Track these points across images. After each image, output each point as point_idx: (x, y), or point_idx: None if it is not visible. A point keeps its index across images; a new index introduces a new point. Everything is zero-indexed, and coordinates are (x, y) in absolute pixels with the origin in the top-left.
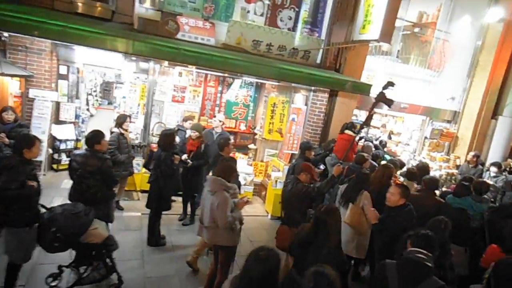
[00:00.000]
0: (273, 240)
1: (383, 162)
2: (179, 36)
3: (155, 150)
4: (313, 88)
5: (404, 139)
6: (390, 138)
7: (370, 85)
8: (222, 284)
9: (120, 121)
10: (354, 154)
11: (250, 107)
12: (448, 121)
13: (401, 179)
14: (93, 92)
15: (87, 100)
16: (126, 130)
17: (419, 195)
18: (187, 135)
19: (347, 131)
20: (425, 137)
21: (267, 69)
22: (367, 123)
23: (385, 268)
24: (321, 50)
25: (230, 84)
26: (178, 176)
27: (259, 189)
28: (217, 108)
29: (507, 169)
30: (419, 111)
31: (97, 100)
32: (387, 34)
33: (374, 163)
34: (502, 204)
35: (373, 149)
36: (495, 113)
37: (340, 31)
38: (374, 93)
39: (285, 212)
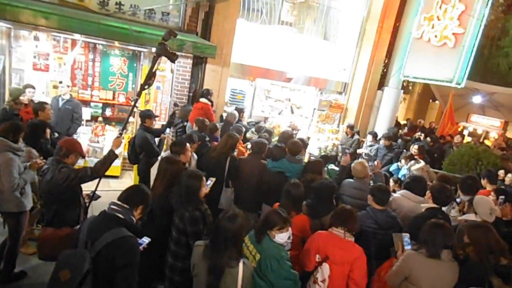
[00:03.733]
0: None
1: None
2: None
3: None
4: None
5: (304, 112)
6: (292, 112)
7: (214, 47)
8: (12, 252)
9: None
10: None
11: (129, 78)
12: (340, 93)
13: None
14: None
15: None
16: None
17: (247, 158)
18: None
19: (202, 99)
20: (314, 109)
21: (85, 24)
22: (148, 82)
23: (83, 224)
24: (182, 12)
25: (104, 52)
26: None
27: None
28: (90, 78)
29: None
30: (312, 83)
31: None
32: None
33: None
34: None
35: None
36: (382, 84)
37: None
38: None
39: (45, 210)
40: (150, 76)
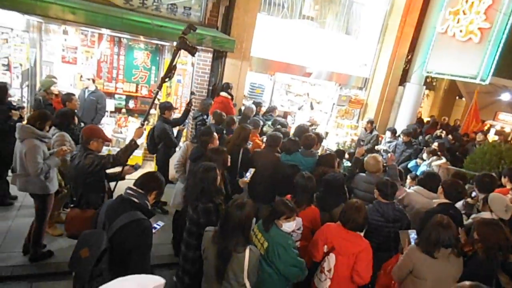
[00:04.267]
0: None
1: None
2: None
3: None
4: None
5: (324, 107)
6: (312, 108)
7: (233, 41)
8: (38, 232)
9: None
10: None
11: (152, 71)
12: (360, 88)
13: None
14: None
15: None
16: None
17: (262, 151)
18: None
19: (222, 93)
20: (333, 104)
21: (110, 19)
22: (168, 75)
23: (102, 206)
24: (203, 7)
25: (129, 46)
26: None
27: None
28: (114, 71)
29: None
30: (333, 78)
31: None
32: None
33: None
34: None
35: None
36: (404, 79)
37: None
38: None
39: (75, 193)
40: (171, 69)
